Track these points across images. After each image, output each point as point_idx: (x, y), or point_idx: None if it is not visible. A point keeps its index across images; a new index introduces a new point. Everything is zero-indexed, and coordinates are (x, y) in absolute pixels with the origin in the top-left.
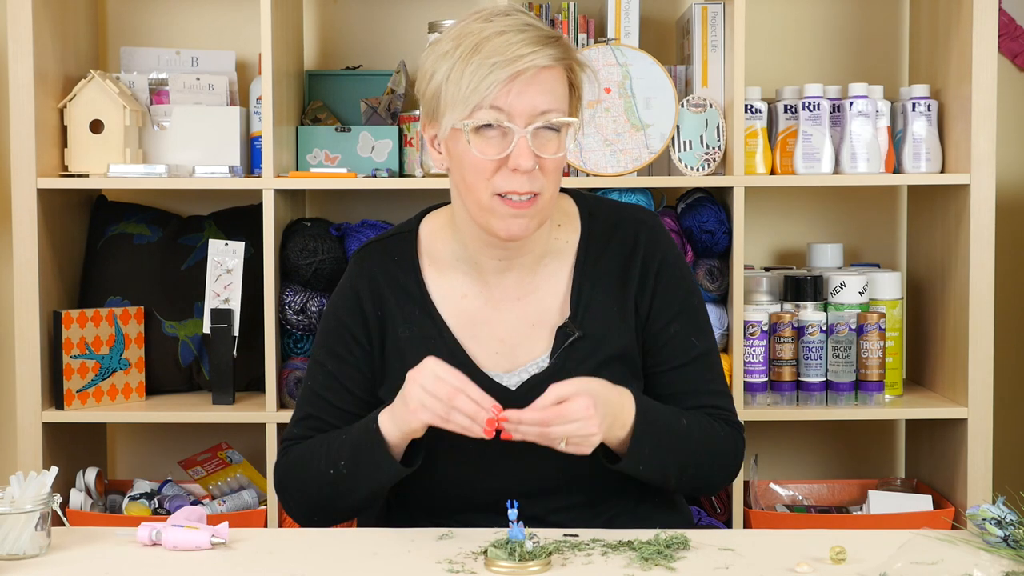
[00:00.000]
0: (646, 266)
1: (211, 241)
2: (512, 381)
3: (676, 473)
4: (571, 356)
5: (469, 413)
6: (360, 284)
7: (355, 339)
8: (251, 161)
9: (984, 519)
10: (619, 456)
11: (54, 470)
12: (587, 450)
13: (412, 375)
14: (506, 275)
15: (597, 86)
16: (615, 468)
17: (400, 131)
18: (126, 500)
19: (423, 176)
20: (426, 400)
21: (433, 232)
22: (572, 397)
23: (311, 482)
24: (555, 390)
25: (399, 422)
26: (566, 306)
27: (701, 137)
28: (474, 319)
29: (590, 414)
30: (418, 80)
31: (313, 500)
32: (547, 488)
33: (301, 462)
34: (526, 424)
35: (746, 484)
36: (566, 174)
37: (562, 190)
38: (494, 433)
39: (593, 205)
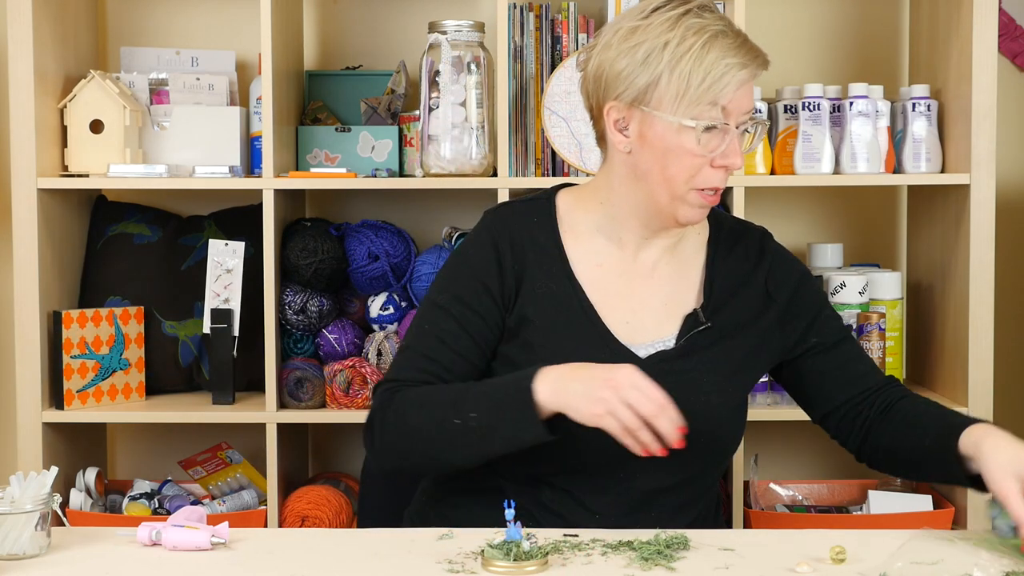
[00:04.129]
0: (780, 268)
1: (211, 241)
2: (641, 353)
3: None
4: (697, 343)
5: (665, 431)
6: (500, 239)
7: (488, 291)
8: (251, 161)
9: (1002, 508)
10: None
11: (54, 470)
12: None
13: (607, 377)
14: (645, 251)
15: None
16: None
17: (400, 131)
18: (126, 500)
19: (423, 176)
20: (621, 413)
21: (571, 204)
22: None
23: (423, 427)
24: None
25: (563, 403)
26: (697, 293)
27: None
28: (607, 288)
29: None
30: (601, 60)
31: (415, 445)
32: (645, 463)
33: (415, 403)
34: None
35: (746, 484)
36: (565, 173)
37: None
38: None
39: (715, 213)
